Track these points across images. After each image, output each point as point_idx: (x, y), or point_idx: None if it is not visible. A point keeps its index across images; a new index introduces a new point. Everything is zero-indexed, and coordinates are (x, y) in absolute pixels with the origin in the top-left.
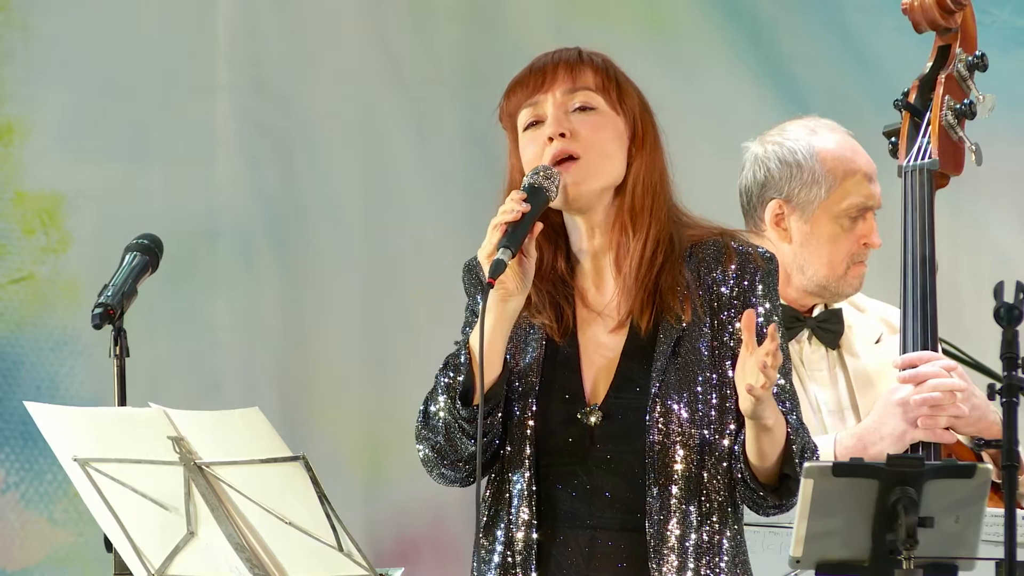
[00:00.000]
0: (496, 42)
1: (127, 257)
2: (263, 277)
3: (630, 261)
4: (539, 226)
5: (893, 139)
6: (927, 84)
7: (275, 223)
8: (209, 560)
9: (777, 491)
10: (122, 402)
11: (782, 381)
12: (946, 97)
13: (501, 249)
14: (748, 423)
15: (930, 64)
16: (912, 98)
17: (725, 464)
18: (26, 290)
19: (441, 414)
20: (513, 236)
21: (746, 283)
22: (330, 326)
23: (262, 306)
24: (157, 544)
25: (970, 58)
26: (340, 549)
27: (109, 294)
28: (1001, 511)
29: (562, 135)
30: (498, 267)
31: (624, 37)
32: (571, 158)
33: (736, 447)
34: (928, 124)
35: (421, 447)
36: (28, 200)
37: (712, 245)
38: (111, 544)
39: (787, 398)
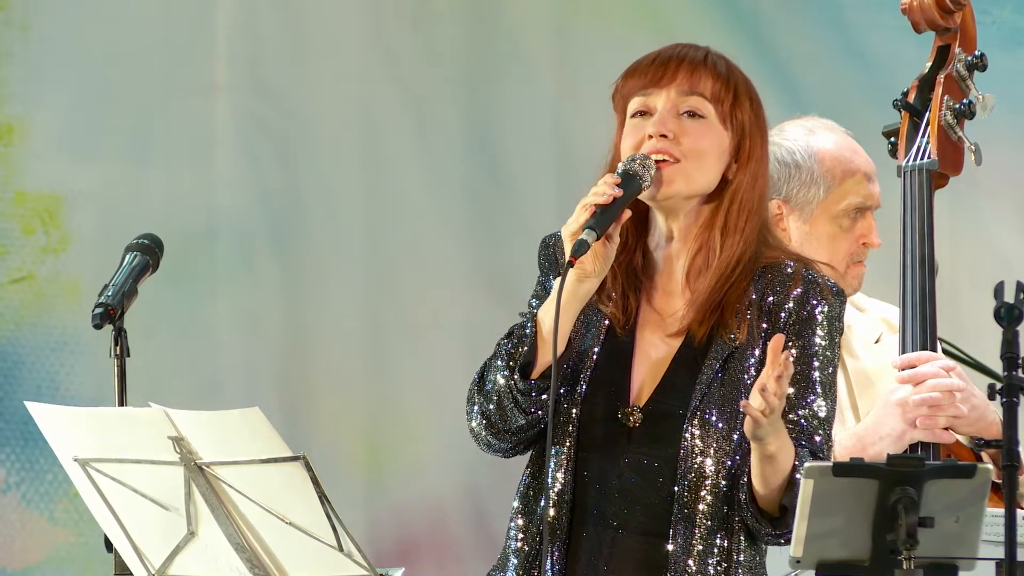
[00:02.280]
0: (496, 42)
1: (127, 257)
2: (263, 277)
3: (708, 277)
4: (627, 213)
5: (892, 139)
6: (926, 84)
7: (275, 223)
8: (209, 560)
9: (775, 522)
10: (122, 402)
11: (809, 411)
12: (945, 97)
13: (586, 230)
14: (752, 445)
15: (929, 64)
16: (911, 98)
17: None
18: (26, 290)
19: (498, 382)
20: (601, 219)
21: (806, 312)
22: (330, 326)
23: (262, 306)
24: (157, 544)
25: (969, 58)
26: (340, 549)
27: (109, 294)
28: (1001, 511)
29: (663, 136)
30: (581, 247)
31: (624, 37)
32: (671, 155)
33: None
34: (927, 124)
35: (471, 413)
36: (28, 200)
37: (782, 269)
38: (111, 544)
39: (809, 432)
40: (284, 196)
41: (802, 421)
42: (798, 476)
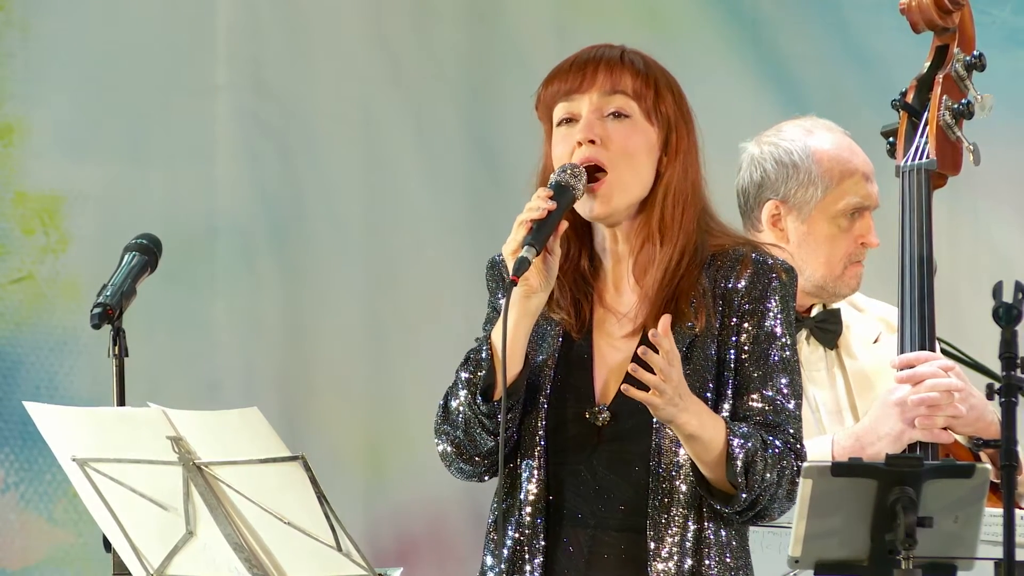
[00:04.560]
0: (496, 42)
1: (126, 257)
2: (263, 277)
3: (654, 272)
4: (564, 224)
5: (891, 139)
6: (925, 84)
7: (275, 223)
8: (208, 560)
9: (730, 499)
10: (121, 402)
11: (772, 391)
12: (944, 97)
13: (525, 247)
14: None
15: (928, 64)
16: (910, 98)
17: None
18: (26, 290)
19: (461, 409)
20: (538, 234)
21: (758, 291)
22: (330, 326)
23: (262, 306)
24: (156, 544)
25: (968, 58)
26: (339, 549)
27: (108, 294)
28: (1000, 511)
29: (592, 141)
30: (522, 265)
31: (624, 37)
32: (599, 170)
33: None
34: (926, 124)
35: (440, 442)
36: (28, 200)
37: (732, 253)
38: (110, 544)
39: (773, 412)
40: (284, 196)
41: (765, 403)
42: (735, 449)
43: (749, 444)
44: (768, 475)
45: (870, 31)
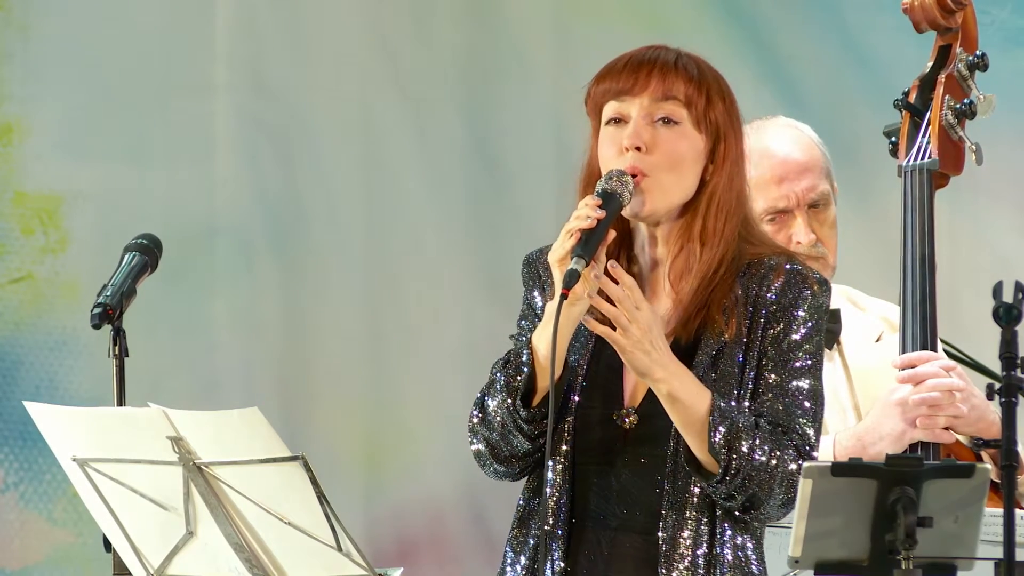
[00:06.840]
0: (496, 42)
1: (126, 257)
2: (263, 277)
3: (691, 279)
4: (612, 234)
5: (893, 139)
6: (927, 84)
7: (275, 223)
8: (208, 560)
9: (713, 479)
10: (121, 402)
11: (792, 398)
12: (946, 97)
13: (575, 258)
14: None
15: (931, 64)
16: (912, 98)
17: None
18: (25, 290)
19: (499, 412)
20: (587, 245)
21: (788, 300)
22: (330, 326)
23: (262, 306)
24: (156, 544)
25: (971, 58)
26: (339, 549)
27: (108, 294)
28: (1000, 511)
29: (638, 148)
30: (572, 277)
31: (624, 37)
32: (643, 173)
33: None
34: (928, 124)
35: (475, 442)
36: (27, 200)
37: (767, 262)
38: (110, 544)
39: (792, 416)
40: (284, 196)
41: (781, 404)
42: (715, 419)
43: (733, 418)
44: (755, 456)
45: (870, 31)
